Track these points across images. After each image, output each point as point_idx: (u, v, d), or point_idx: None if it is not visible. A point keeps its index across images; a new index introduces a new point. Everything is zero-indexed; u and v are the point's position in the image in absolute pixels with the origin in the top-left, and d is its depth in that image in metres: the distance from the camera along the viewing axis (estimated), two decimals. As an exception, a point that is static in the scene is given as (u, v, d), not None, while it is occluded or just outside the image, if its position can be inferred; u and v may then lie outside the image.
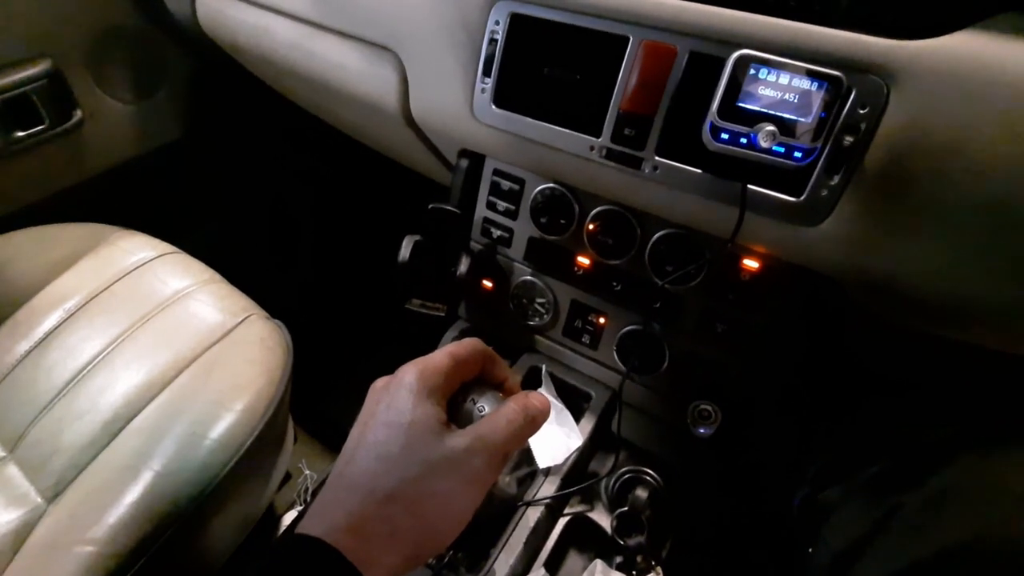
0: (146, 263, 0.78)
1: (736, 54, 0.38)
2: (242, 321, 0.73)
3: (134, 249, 0.80)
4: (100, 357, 0.68)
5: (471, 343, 0.35)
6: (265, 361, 0.69)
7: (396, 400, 0.32)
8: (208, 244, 0.89)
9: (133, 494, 0.56)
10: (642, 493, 0.56)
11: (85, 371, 0.67)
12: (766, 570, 0.61)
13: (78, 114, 0.91)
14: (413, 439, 0.30)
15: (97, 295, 0.74)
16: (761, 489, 0.64)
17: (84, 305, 0.73)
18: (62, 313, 0.72)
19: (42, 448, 0.62)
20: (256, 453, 0.63)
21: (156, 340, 0.69)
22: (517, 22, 0.50)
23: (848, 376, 0.61)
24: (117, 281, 0.76)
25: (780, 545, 0.60)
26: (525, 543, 0.52)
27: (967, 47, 0.35)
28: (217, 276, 0.79)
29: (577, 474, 0.59)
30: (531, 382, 0.66)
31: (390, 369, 0.35)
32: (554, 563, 0.55)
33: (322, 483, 1.04)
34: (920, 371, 0.57)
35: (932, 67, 0.35)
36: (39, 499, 0.59)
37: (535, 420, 0.34)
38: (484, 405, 0.34)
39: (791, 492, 0.58)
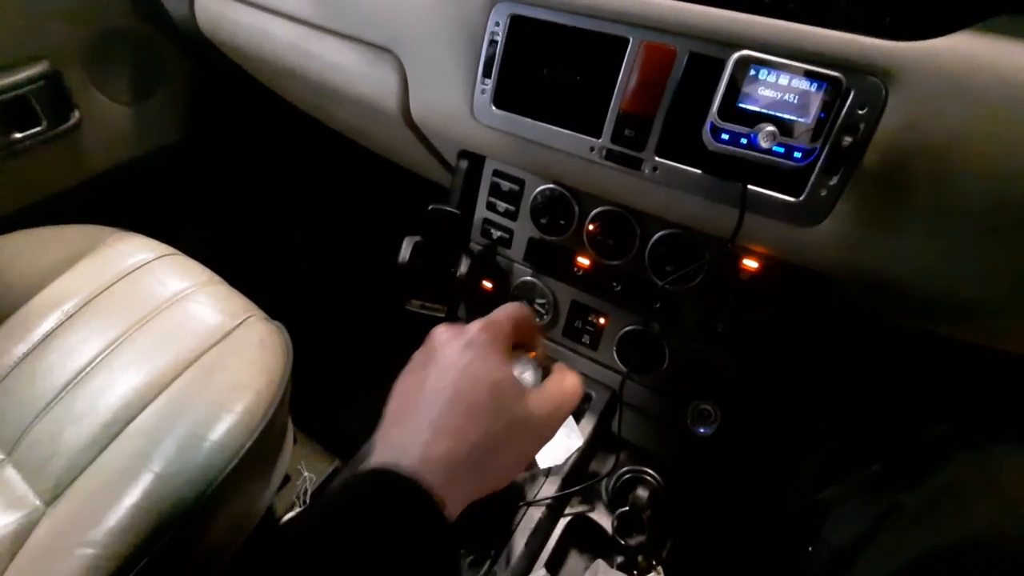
0: (144, 265, 0.78)
1: (736, 55, 0.39)
2: (241, 323, 0.73)
3: (132, 251, 0.79)
4: (99, 359, 0.68)
5: (524, 312, 0.40)
6: (265, 363, 0.69)
7: (479, 356, 0.35)
8: (207, 245, 0.88)
9: (132, 496, 0.56)
10: (642, 493, 0.57)
11: (84, 373, 0.67)
12: (766, 569, 0.61)
13: (76, 115, 0.91)
14: (498, 397, 0.34)
15: (95, 297, 0.74)
16: (761, 488, 0.64)
17: (82, 307, 0.73)
18: (60, 315, 0.72)
19: (40, 450, 0.62)
20: (256, 455, 0.63)
21: (155, 342, 0.69)
22: (517, 23, 0.50)
23: (846, 375, 0.61)
24: (115, 283, 0.75)
25: (780, 544, 0.60)
26: (526, 543, 0.52)
27: (964, 49, 0.35)
28: (216, 277, 0.79)
29: (578, 474, 0.59)
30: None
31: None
32: (555, 563, 0.55)
33: (322, 485, 1.04)
34: (917, 369, 0.58)
35: (930, 68, 0.36)
36: (38, 501, 0.59)
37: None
38: (520, 368, 0.38)
39: (790, 491, 0.58)
